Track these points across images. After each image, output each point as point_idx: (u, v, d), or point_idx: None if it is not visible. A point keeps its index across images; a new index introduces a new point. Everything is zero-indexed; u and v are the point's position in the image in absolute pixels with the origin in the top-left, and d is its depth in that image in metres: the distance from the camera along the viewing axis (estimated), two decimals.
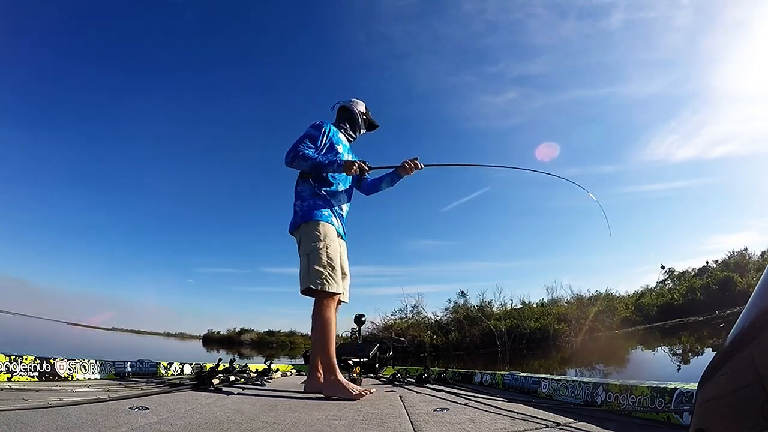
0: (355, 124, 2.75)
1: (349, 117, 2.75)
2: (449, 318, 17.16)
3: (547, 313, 15.46)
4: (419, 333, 16.06)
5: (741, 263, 16.08)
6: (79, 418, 1.25)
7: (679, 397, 1.53)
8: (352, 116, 2.74)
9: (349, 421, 1.51)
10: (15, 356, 2.07)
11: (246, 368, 3.33)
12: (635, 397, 1.75)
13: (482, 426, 1.43)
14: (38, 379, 2.16)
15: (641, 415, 1.66)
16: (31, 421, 1.18)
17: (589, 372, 7.67)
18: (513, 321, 15.31)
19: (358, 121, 2.75)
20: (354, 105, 2.77)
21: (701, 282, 15.92)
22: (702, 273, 17.64)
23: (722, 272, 15.72)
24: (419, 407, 1.86)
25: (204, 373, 2.62)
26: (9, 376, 2.02)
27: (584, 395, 2.08)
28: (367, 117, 2.79)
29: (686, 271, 18.56)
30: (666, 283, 18.48)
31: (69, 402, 1.46)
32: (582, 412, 1.74)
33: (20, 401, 1.42)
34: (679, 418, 1.48)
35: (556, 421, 1.52)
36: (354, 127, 2.76)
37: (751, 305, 0.57)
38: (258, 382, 2.87)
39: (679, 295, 15.76)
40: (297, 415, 1.61)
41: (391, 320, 17.33)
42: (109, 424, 1.21)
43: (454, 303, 17.46)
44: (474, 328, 15.68)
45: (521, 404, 1.97)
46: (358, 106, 2.77)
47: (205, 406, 1.70)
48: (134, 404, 1.55)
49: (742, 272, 14.75)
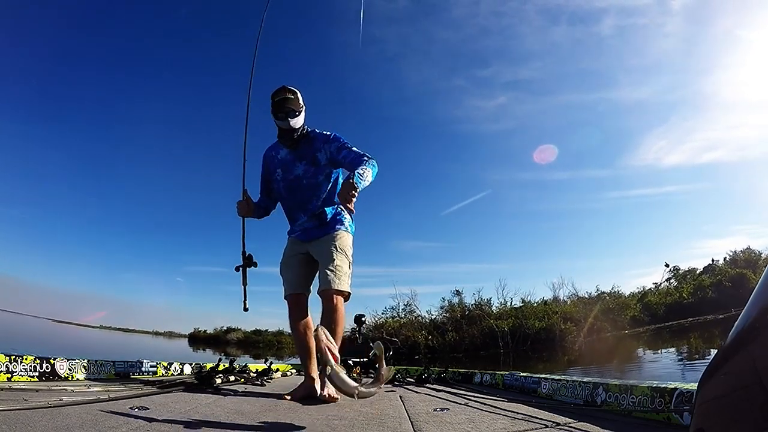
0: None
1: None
2: (445, 317, 16.56)
3: (552, 312, 14.95)
4: (413, 333, 15.39)
5: (751, 260, 15.93)
6: (79, 418, 1.25)
7: (679, 397, 1.53)
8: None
9: (350, 421, 1.51)
10: (15, 356, 2.07)
11: (246, 368, 3.33)
12: (635, 397, 1.75)
13: (482, 426, 1.43)
14: (38, 379, 2.16)
15: (641, 415, 1.66)
16: (31, 421, 1.18)
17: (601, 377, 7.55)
18: (515, 320, 14.78)
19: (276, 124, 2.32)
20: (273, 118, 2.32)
21: (711, 280, 15.72)
22: (707, 271, 17.48)
23: (732, 269, 15.56)
24: (419, 407, 1.86)
25: (204, 373, 2.63)
26: (9, 376, 2.02)
27: (584, 395, 2.09)
28: (272, 107, 2.27)
29: (692, 269, 18.36)
30: (671, 281, 18.27)
31: (69, 402, 1.46)
32: (582, 412, 1.74)
33: (20, 401, 1.42)
34: (679, 418, 1.48)
35: (556, 421, 1.52)
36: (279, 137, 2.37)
37: (752, 305, 0.57)
38: (258, 383, 2.86)
39: (688, 294, 15.55)
40: (297, 416, 1.61)
41: (382, 319, 16.62)
42: (109, 424, 1.21)
43: (448, 302, 16.98)
44: (473, 327, 15.15)
45: (521, 404, 1.97)
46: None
47: (205, 406, 1.70)
48: (134, 404, 1.55)
49: (753, 269, 14.59)
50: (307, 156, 2.31)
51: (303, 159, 2.32)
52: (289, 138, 2.30)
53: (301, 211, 2.38)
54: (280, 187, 2.41)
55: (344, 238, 2.31)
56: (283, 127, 2.28)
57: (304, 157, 2.32)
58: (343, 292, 2.18)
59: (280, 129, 2.31)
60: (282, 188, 2.40)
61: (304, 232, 2.36)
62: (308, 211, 2.35)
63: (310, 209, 2.34)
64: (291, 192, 2.38)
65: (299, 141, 2.32)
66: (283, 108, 2.23)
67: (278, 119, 2.26)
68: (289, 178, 2.36)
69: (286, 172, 2.36)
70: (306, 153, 2.32)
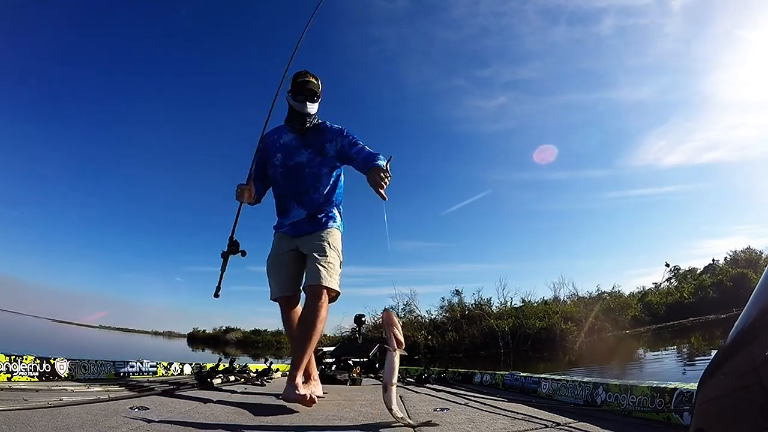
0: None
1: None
2: (445, 317, 16.56)
3: (553, 312, 14.93)
4: (413, 333, 15.33)
5: (752, 259, 15.90)
6: (79, 418, 1.25)
7: (679, 397, 1.53)
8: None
9: (350, 421, 1.51)
10: (15, 356, 2.07)
11: (246, 368, 3.33)
12: (635, 397, 1.75)
13: (482, 426, 1.43)
14: (38, 379, 2.16)
15: (641, 415, 1.66)
16: (31, 421, 1.18)
17: (602, 377, 7.54)
18: (515, 320, 14.76)
19: (289, 103, 2.25)
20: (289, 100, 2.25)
21: (712, 280, 15.69)
22: (707, 271, 17.44)
23: (734, 269, 15.54)
24: (419, 407, 1.86)
25: (204, 373, 2.63)
26: (9, 376, 2.02)
27: (584, 395, 2.09)
28: (294, 86, 2.21)
29: (692, 269, 18.32)
30: (671, 281, 18.23)
31: (69, 402, 1.46)
32: (582, 412, 1.75)
33: (20, 401, 1.42)
34: (679, 418, 1.48)
35: (556, 421, 1.53)
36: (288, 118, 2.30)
37: (752, 305, 0.57)
38: (258, 382, 2.87)
39: (689, 293, 15.52)
40: (297, 416, 1.61)
41: (380, 318, 16.85)
42: (109, 424, 1.21)
43: (448, 302, 16.98)
44: (473, 327, 15.14)
45: (521, 404, 1.97)
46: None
47: (205, 407, 1.70)
48: (134, 404, 1.55)
49: (754, 269, 14.56)
50: (315, 145, 2.24)
51: (309, 147, 2.24)
52: (299, 122, 2.22)
53: (295, 200, 2.26)
54: (276, 173, 2.29)
55: (337, 236, 2.24)
56: (298, 110, 2.20)
57: (311, 145, 2.24)
58: (332, 290, 2.08)
59: (292, 112, 2.24)
60: (279, 174, 2.28)
61: (294, 227, 2.25)
62: (303, 202, 2.24)
63: (305, 200, 2.23)
64: (288, 179, 2.26)
65: (309, 129, 2.24)
66: (305, 89, 2.18)
67: (296, 101, 2.19)
68: (289, 165, 2.25)
69: (287, 157, 2.26)
70: (314, 142, 2.24)
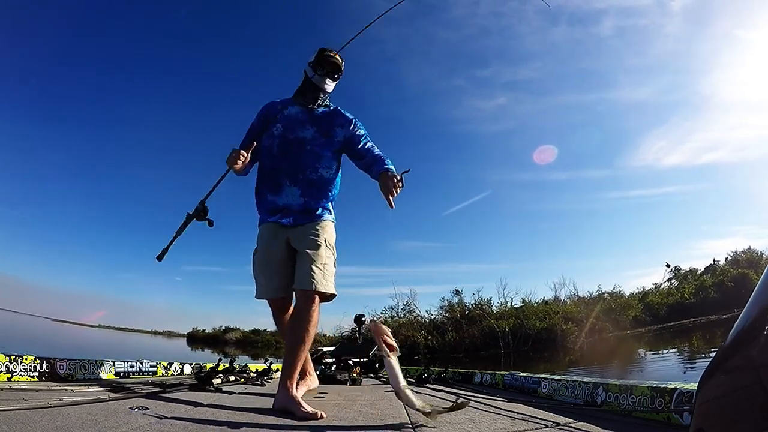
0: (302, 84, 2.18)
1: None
2: (445, 317, 16.57)
3: (553, 312, 14.91)
4: (412, 333, 15.43)
5: (753, 260, 15.89)
6: (79, 418, 1.25)
7: (679, 397, 1.53)
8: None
9: (350, 421, 1.51)
10: (15, 356, 2.08)
11: (246, 368, 3.33)
12: (635, 397, 1.75)
13: (482, 426, 1.43)
14: (38, 379, 2.16)
15: (641, 415, 1.66)
16: (31, 421, 1.18)
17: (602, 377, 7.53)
18: (516, 320, 14.75)
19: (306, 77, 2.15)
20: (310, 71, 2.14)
21: (713, 280, 15.68)
22: (708, 271, 17.42)
23: (734, 269, 15.54)
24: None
25: (204, 373, 2.62)
26: (9, 376, 2.02)
27: (584, 395, 2.09)
28: (319, 59, 2.12)
29: (693, 269, 18.31)
30: (671, 282, 18.20)
31: (69, 402, 1.46)
32: (582, 412, 1.75)
33: (20, 401, 1.42)
34: (679, 418, 1.48)
35: (556, 421, 1.53)
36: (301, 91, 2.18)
37: (752, 305, 0.57)
38: (258, 383, 2.86)
39: (690, 294, 15.50)
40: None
41: (381, 319, 16.64)
42: (109, 424, 1.21)
43: (448, 302, 16.98)
44: (473, 327, 15.13)
45: (521, 404, 1.97)
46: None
47: (205, 407, 1.70)
48: (134, 404, 1.55)
49: (755, 269, 14.56)
50: (323, 125, 2.13)
51: (316, 125, 2.12)
52: (312, 96, 2.12)
53: (287, 178, 2.07)
54: (273, 144, 2.11)
55: (331, 231, 2.10)
56: (316, 83, 2.10)
57: (318, 123, 2.13)
58: (328, 294, 1.96)
59: (308, 83, 2.12)
60: (275, 145, 2.10)
61: (285, 215, 2.07)
62: (297, 180, 2.06)
63: (300, 179, 2.06)
64: (286, 152, 2.09)
65: (319, 106, 2.16)
66: (329, 62, 2.10)
67: (317, 74, 2.09)
68: (289, 137, 2.10)
69: (288, 130, 2.11)
70: (323, 121, 2.13)
